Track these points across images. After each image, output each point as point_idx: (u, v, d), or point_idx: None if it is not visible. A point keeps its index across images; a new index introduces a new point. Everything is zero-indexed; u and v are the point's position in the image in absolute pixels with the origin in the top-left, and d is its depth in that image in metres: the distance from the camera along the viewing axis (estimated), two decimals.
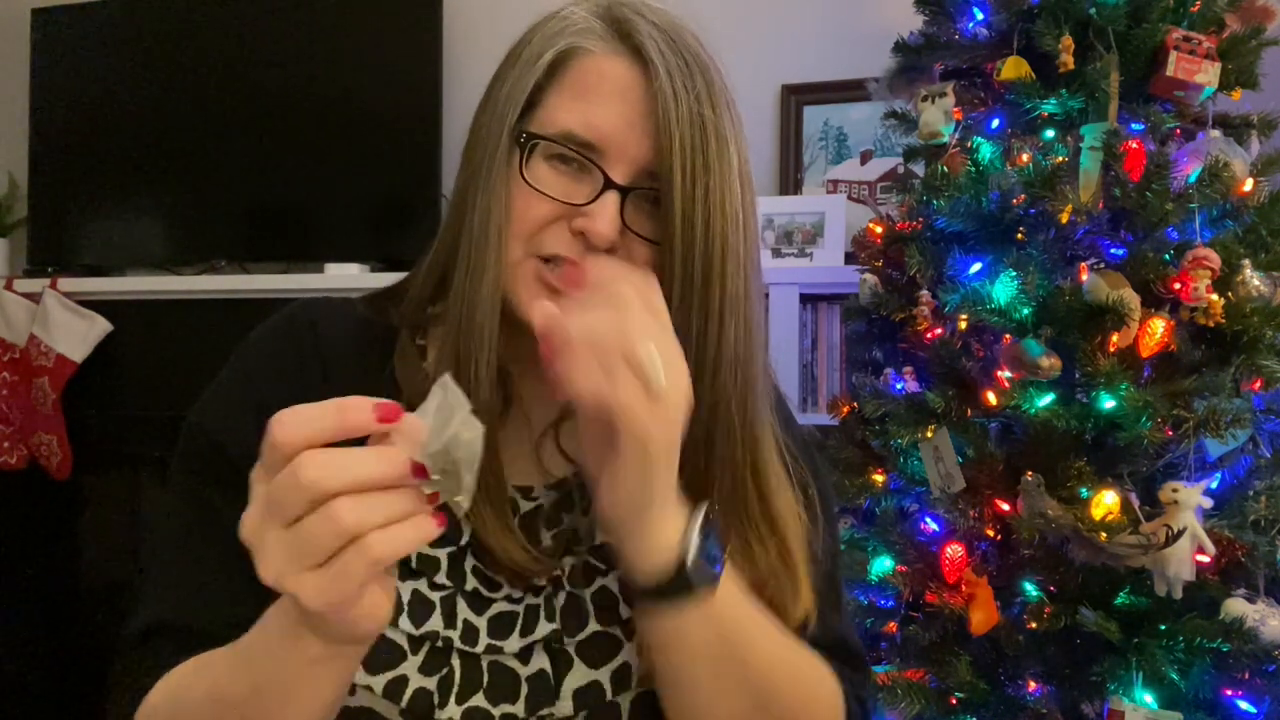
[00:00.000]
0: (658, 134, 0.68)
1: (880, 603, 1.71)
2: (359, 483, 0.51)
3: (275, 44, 2.91)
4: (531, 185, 0.70)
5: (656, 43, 0.69)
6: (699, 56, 0.70)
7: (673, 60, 0.69)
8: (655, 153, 0.68)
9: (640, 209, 0.70)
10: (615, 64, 0.70)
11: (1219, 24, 1.68)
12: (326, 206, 2.85)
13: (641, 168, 0.69)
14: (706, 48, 0.72)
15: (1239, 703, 1.46)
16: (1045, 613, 1.50)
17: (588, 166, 0.69)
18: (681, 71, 0.69)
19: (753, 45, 2.67)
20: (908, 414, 1.65)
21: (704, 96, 0.69)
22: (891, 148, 2.53)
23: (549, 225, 0.70)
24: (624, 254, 0.70)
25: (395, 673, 0.70)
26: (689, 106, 0.68)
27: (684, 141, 0.68)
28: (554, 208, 0.70)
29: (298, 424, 0.52)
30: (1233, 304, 1.52)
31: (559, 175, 0.70)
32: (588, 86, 0.70)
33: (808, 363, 2.48)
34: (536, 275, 0.71)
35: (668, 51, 0.69)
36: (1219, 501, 1.51)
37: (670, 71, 0.68)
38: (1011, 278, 1.54)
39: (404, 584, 0.72)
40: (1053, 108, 1.66)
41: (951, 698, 1.57)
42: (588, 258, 0.69)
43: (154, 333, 2.88)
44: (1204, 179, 1.53)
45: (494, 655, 0.73)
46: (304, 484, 0.50)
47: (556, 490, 0.77)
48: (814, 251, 2.51)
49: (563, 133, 0.69)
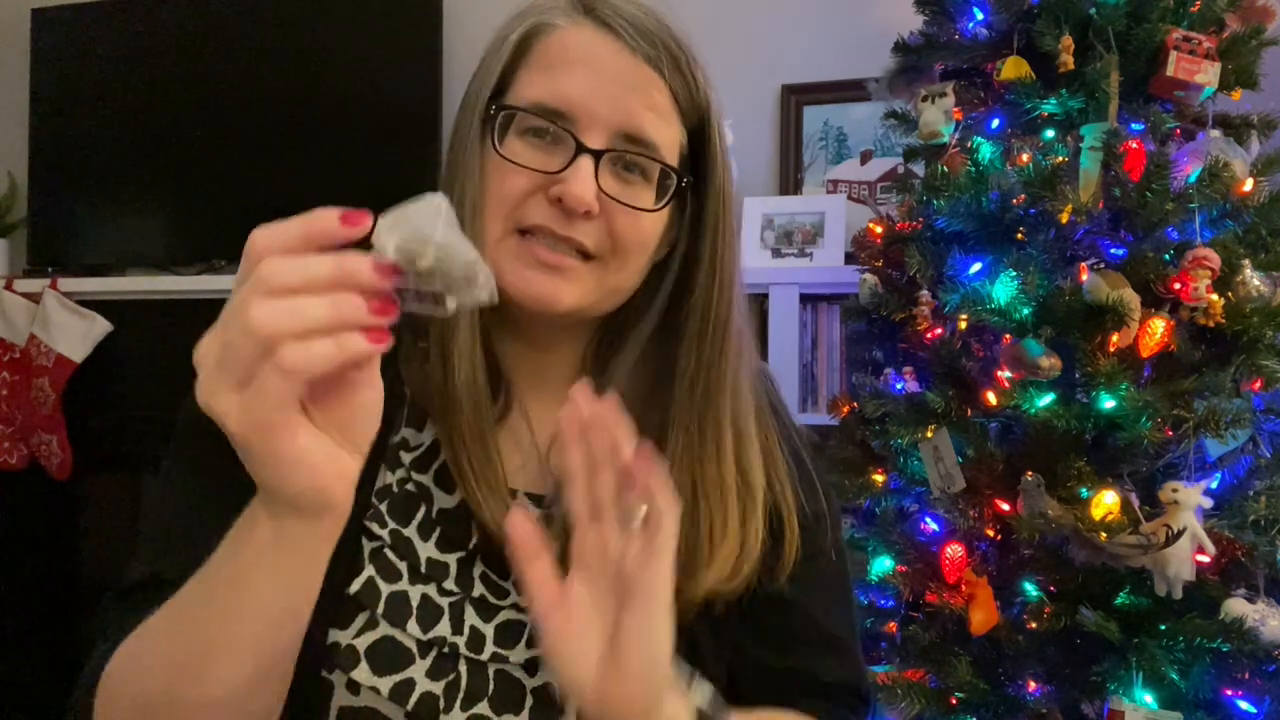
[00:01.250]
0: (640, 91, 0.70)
1: (880, 603, 1.71)
2: (309, 279, 0.47)
3: (275, 44, 2.90)
4: (505, 158, 0.70)
5: (619, 11, 0.70)
6: (672, 27, 0.72)
7: (639, 21, 0.70)
8: (626, 115, 0.69)
9: (617, 174, 0.71)
10: (580, 33, 0.70)
11: (1219, 24, 1.68)
12: (326, 206, 2.84)
13: (614, 131, 0.69)
14: (677, 23, 0.73)
15: (1239, 703, 1.46)
16: (1045, 613, 1.50)
17: (560, 135, 0.69)
18: (646, 35, 0.70)
19: (753, 45, 2.67)
20: (908, 414, 1.65)
21: (678, 55, 0.71)
22: (891, 148, 2.53)
23: (528, 197, 0.70)
24: (603, 220, 0.70)
25: (403, 675, 0.70)
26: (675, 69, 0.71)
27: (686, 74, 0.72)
28: (530, 178, 0.70)
29: (270, 234, 0.50)
30: (1233, 304, 1.51)
31: (533, 147, 0.70)
32: (554, 58, 0.70)
33: (808, 363, 2.47)
34: (518, 252, 0.71)
35: (631, 12, 0.70)
36: (1219, 501, 1.51)
37: (637, 32, 0.69)
38: (1011, 278, 1.54)
39: (414, 588, 0.72)
40: (1053, 108, 1.66)
41: (951, 698, 1.57)
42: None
43: (154, 333, 2.87)
44: (1204, 179, 1.53)
45: (500, 664, 0.72)
46: (253, 282, 0.47)
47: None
48: (814, 251, 2.51)
49: (532, 105, 0.70)
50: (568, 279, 0.71)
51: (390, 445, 0.76)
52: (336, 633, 0.70)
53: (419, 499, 0.75)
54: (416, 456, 0.76)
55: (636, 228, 0.71)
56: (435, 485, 0.75)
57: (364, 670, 0.69)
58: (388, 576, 0.72)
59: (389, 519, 0.74)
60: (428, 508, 0.75)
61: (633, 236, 0.71)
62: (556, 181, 0.69)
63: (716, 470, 0.74)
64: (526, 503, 0.76)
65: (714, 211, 0.74)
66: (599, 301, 0.74)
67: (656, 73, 0.70)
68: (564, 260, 0.71)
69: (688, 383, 0.74)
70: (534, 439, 0.78)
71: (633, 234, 0.71)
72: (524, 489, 0.77)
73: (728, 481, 0.74)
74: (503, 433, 0.77)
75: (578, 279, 0.71)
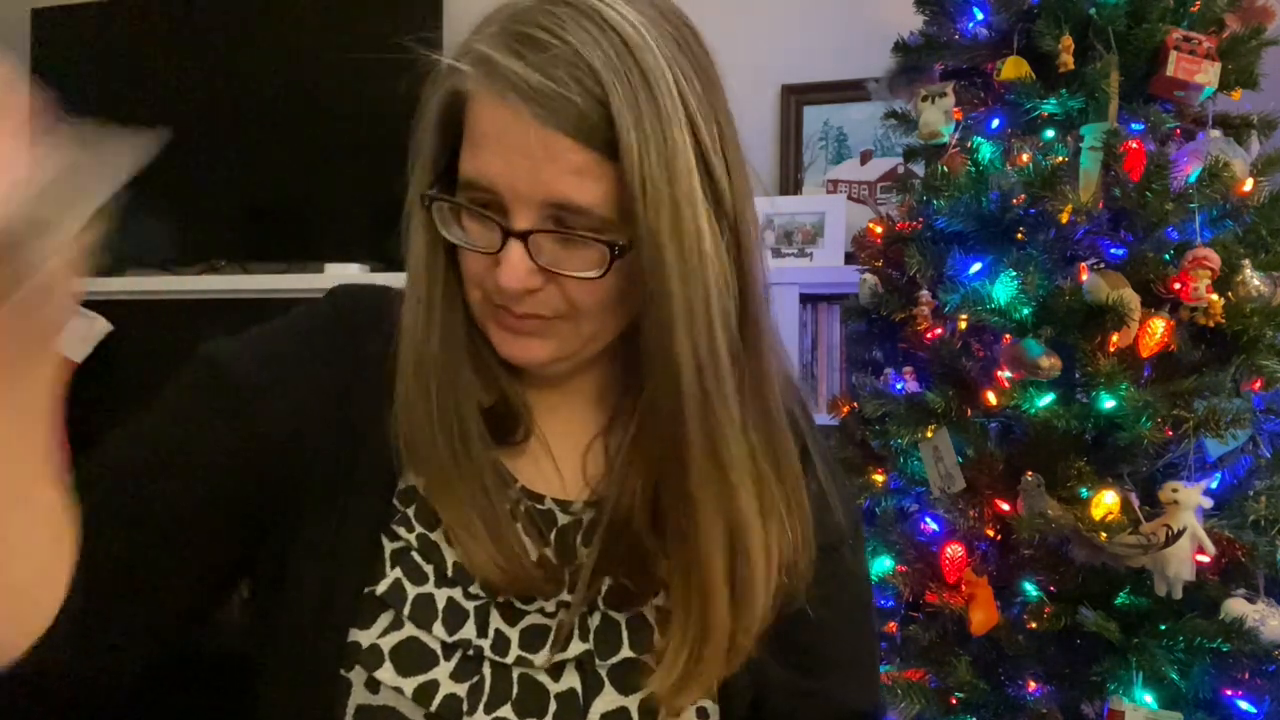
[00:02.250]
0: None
1: (880, 603, 1.71)
2: None
3: (275, 44, 2.91)
4: (456, 243, 0.69)
5: (519, 72, 0.62)
6: (586, 56, 0.62)
7: (539, 82, 0.62)
8: (545, 187, 0.64)
9: (558, 243, 0.67)
10: (488, 107, 0.65)
11: (1219, 24, 1.68)
12: (326, 206, 2.85)
13: (541, 202, 0.65)
14: (623, 26, 0.63)
15: (1239, 703, 1.46)
16: (1045, 613, 1.51)
17: (489, 219, 0.67)
18: (547, 96, 0.62)
19: (753, 45, 2.67)
20: (908, 414, 1.65)
21: (592, 97, 0.62)
22: (891, 148, 2.53)
23: (489, 271, 0.68)
24: (555, 289, 0.68)
25: (427, 677, 0.70)
26: (585, 103, 0.62)
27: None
28: (481, 257, 0.68)
29: None
30: (1233, 304, 1.52)
31: (480, 223, 0.68)
32: (473, 132, 0.67)
33: (808, 363, 2.47)
34: (495, 316, 0.70)
35: (535, 74, 0.62)
36: (1219, 501, 1.51)
37: (537, 94, 0.62)
38: (1011, 278, 1.54)
39: (440, 591, 0.72)
40: (1053, 108, 1.66)
41: (951, 698, 1.57)
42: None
43: (154, 333, 2.87)
44: (1204, 179, 1.53)
45: (524, 668, 0.72)
46: None
47: (595, 509, 0.76)
48: (814, 251, 2.51)
49: (466, 182, 0.67)
50: (542, 338, 0.70)
51: None
52: (357, 632, 0.70)
53: None
54: None
55: (589, 290, 0.68)
56: None
57: (388, 670, 0.70)
58: (414, 579, 0.72)
59: (415, 523, 0.74)
60: None
61: (588, 299, 0.68)
62: (497, 262, 0.67)
63: (706, 546, 0.70)
64: (554, 508, 0.76)
65: (651, 254, 0.65)
66: (581, 349, 0.72)
67: (564, 134, 0.62)
68: (532, 324, 0.70)
69: (696, 446, 0.68)
70: (565, 447, 0.78)
71: (587, 296, 0.68)
72: (555, 495, 0.77)
73: (751, 516, 0.71)
74: (525, 453, 0.77)
75: (552, 335, 0.70)
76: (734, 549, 0.70)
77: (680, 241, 0.64)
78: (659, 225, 0.63)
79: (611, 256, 0.66)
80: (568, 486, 0.77)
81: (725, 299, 0.68)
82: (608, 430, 0.78)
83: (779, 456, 0.74)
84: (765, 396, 0.73)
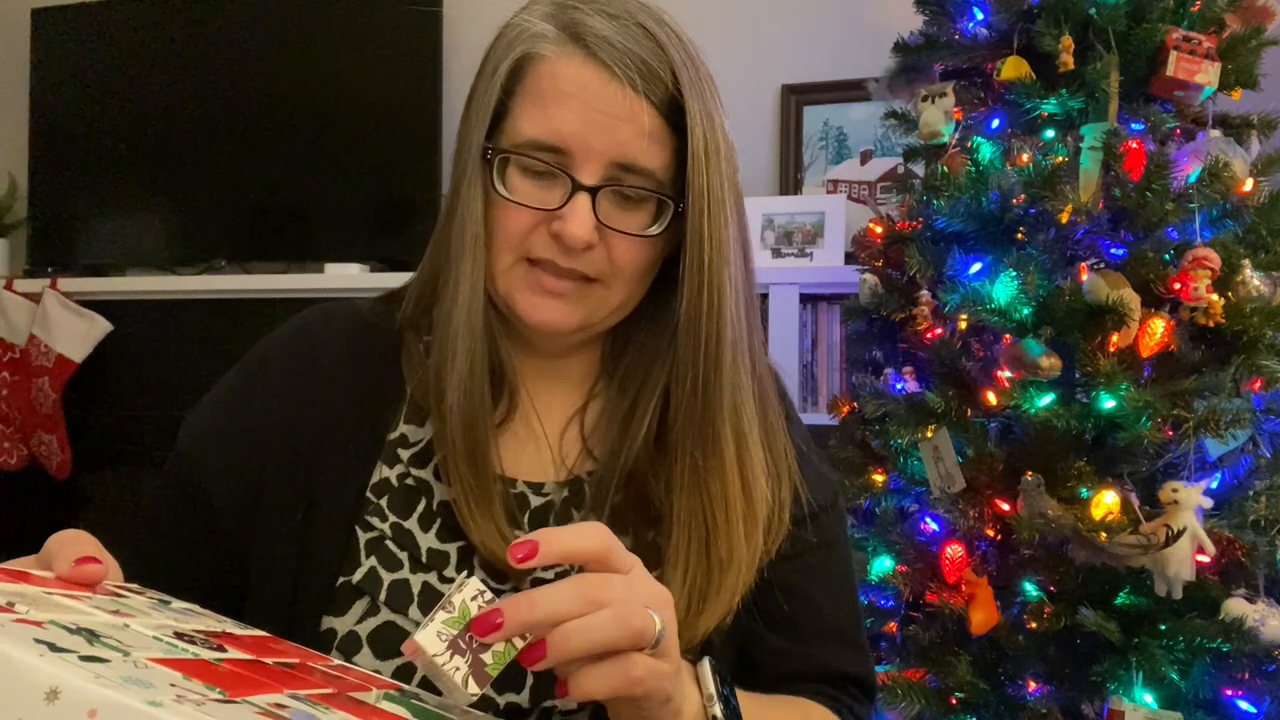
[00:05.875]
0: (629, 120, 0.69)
1: (880, 603, 1.71)
2: None
3: (275, 44, 2.91)
4: (507, 198, 0.72)
5: (606, 38, 0.70)
6: (656, 36, 0.71)
7: (625, 45, 0.70)
8: (619, 146, 0.70)
9: (615, 203, 0.72)
10: (568, 65, 0.70)
11: (1219, 24, 1.68)
12: (326, 206, 2.85)
13: (609, 162, 0.70)
14: (669, 25, 0.73)
15: (1239, 703, 1.46)
16: (1045, 613, 1.50)
17: (556, 173, 0.71)
18: (633, 60, 0.69)
19: (753, 45, 2.67)
20: (908, 414, 1.65)
21: (666, 70, 0.70)
22: (891, 148, 2.53)
23: (531, 231, 0.72)
24: (603, 249, 0.72)
25: (404, 659, 0.71)
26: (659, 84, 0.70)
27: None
28: (532, 215, 0.72)
29: None
30: (1233, 304, 1.52)
31: (532, 183, 0.72)
32: (545, 92, 0.71)
33: (808, 363, 2.48)
34: (526, 280, 0.74)
35: (619, 39, 0.70)
36: (1219, 501, 1.51)
37: (624, 57, 0.69)
38: (1011, 278, 1.54)
39: (415, 576, 0.74)
40: (1053, 108, 1.66)
41: (951, 698, 1.57)
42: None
43: (154, 333, 2.87)
44: (1204, 179, 1.53)
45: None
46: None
47: (569, 487, 0.79)
48: (814, 251, 2.51)
49: (528, 141, 0.71)
50: (573, 303, 0.74)
51: (388, 442, 0.78)
52: (331, 619, 0.73)
53: (419, 492, 0.77)
54: (415, 452, 0.78)
55: (635, 251, 0.73)
56: (435, 479, 0.77)
57: (366, 655, 0.72)
58: (389, 566, 0.75)
59: (389, 512, 0.76)
60: (428, 500, 0.77)
61: (632, 260, 0.73)
62: (556, 218, 0.71)
63: (721, 488, 0.75)
64: (526, 491, 0.78)
65: (696, 216, 0.72)
66: (605, 319, 0.77)
67: (644, 97, 0.70)
68: (568, 286, 0.73)
69: (684, 407, 0.75)
70: (543, 428, 0.80)
71: (632, 257, 0.73)
72: (525, 478, 0.78)
73: (732, 498, 0.75)
74: (508, 432, 0.79)
75: (582, 301, 0.74)
76: (745, 506, 0.75)
77: (724, 203, 0.72)
78: (713, 184, 0.71)
79: (670, 213, 0.72)
80: (545, 468, 0.80)
81: (739, 289, 0.76)
82: (583, 410, 0.82)
83: (771, 421, 0.80)
84: (760, 363, 0.80)
